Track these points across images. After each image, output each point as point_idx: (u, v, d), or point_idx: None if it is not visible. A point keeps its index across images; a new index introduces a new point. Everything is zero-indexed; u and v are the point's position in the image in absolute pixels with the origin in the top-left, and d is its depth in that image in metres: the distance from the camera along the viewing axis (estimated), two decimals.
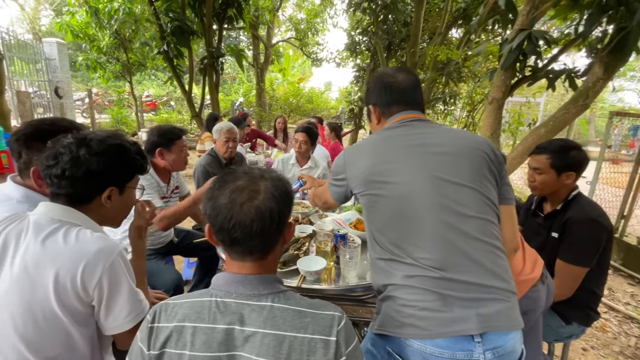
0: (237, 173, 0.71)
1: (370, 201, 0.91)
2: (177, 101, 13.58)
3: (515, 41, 2.73)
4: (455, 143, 0.91)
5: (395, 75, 1.02)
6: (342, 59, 11.12)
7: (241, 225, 0.64)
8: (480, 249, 0.80)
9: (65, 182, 0.81)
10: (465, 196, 0.84)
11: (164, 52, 5.04)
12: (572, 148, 1.42)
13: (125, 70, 8.85)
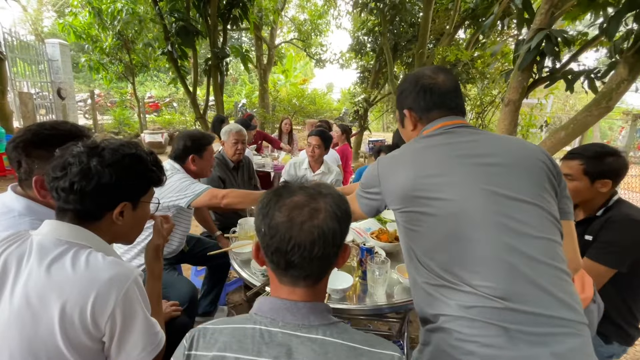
0: (292, 187, 0.64)
1: (412, 219, 0.81)
2: (180, 102, 13.53)
3: (534, 41, 2.63)
4: (510, 152, 0.81)
5: (435, 76, 0.91)
6: (345, 60, 11.05)
7: (301, 248, 0.57)
8: (547, 275, 0.70)
9: (73, 197, 0.72)
10: (526, 213, 0.74)
11: (168, 52, 4.96)
12: (609, 154, 1.32)
13: (128, 71, 8.79)
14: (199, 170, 1.78)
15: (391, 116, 12.49)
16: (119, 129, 9.85)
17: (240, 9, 5.30)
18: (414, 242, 0.81)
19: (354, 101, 7.82)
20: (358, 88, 8.39)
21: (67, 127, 0.97)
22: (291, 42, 12.64)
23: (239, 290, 2.51)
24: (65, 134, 0.95)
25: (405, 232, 0.84)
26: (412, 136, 0.98)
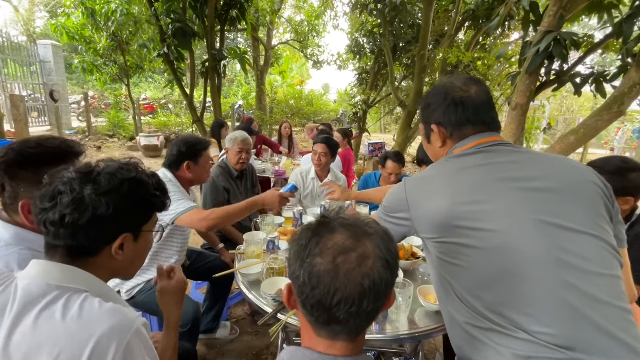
0: (331, 224, 0.55)
1: (450, 251, 0.72)
2: (175, 104, 13.36)
3: (543, 43, 2.56)
4: (558, 175, 0.72)
5: (466, 88, 0.83)
6: (342, 61, 10.97)
7: (348, 303, 0.49)
8: (613, 317, 0.62)
9: (64, 231, 0.62)
10: (585, 246, 0.65)
11: (164, 54, 4.85)
12: (633, 170, 1.24)
13: (122, 73, 8.63)
14: (195, 177, 1.70)
15: (388, 117, 12.43)
16: (114, 131, 9.67)
17: (238, 9, 5.20)
18: (452, 277, 0.73)
19: (352, 103, 7.74)
20: (356, 89, 8.31)
21: (55, 143, 0.87)
22: (288, 43, 12.55)
23: (241, 303, 2.41)
24: (53, 152, 0.85)
25: (441, 264, 0.76)
26: (439, 153, 0.90)
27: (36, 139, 0.85)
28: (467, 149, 0.80)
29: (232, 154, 2.13)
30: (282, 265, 1.28)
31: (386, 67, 6.95)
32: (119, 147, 8.64)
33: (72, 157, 0.88)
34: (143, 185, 0.70)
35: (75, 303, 0.60)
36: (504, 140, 0.82)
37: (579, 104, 11.68)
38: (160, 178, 0.78)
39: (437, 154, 0.90)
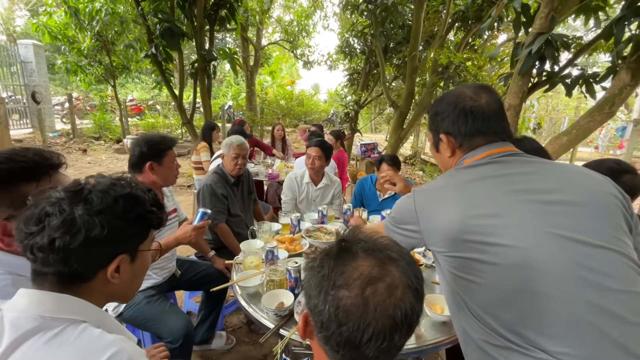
0: (352, 249, 0.50)
1: (463, 266, 0.69)
2: (163, 105, 13.11)
3: (535, 45, 2.58)
4: (575, 187, 0.70)
5: (477, 97, 0.80)
6: (333, 61, 10.95)
7: (379, 338, 0.45)
8: (636, 336, 0.59)
9: (54, 257, 0.56)
10: (606, 262, 0.63)
11: (152, 55, 4.72)
12: (626, 172, 1.24)
13: (108, 74, 8.42)
14: (161, 179, 1.56)
15: (379, 117, 12.47)
16: (100, 134, 9.44)
17: (228, 9, 5.12)
18: (466, 293, 0.70)
19: (344, 103, 7.72)
20: (346, 90, 8.30)
21: (28, 156, 0.78)
22: (278, 43, 12.46)
23: (237, 312, 2.35)
24: (26, 166, 0.76)
25: (453, 279, 0.72)
26: (448, 163, 0.87)
27: (7, 153, 0.77)
28: (478, 160, 0.78)
29: (228, 159, 2.07)
30: (282, 277, 1.24)
31: (377, 68, 6.95)
32: (106, 150, 8.43)
33: (49, 169, 0.79)
34: (139, 202, 0.65)
35: (73, 335, 0.55)
36: (516, 150, 0.79)
37: (564, 103, 11.94)
38: (156, 193, 0.72)
39: (446, 163, 0.88)
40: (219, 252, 1.99)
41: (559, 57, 2.72)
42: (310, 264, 0.54)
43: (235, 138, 2.05)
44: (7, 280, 0.74)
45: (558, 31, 3.32)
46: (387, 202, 2.44)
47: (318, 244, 1.63)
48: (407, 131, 5.69)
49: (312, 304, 0.50)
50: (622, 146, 9.67)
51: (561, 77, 2.83)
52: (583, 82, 2.75)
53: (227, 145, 2.04)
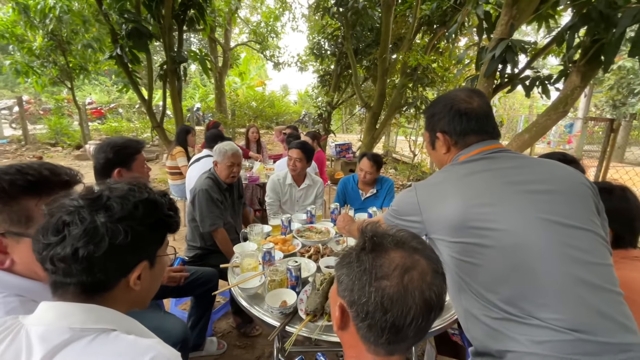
0: (383, 243, 0.56)
1: (465, 250, 0.77)
2: (126, 108, 12.47)
3: (498, 50, 2.79)
4: (557, 179, 0.81)
5: (470, 100, 0.90)
6: (303, 62, 11.00)
7: (419, 319, 0.51)
8: (610, 301, 0.71)
9: (77, 267, 0.56)
10: (585, 241, 0.73)
11: (117, 56, 4.50)
12: (571, 162, 1.41)
13: (64, 75, 7.87)
14: None
15: (349, 117, 12.70)
16: (57, 140, 8.79)
17: (197, 10, 5.00)
18: (468, 275, 0.78)
19: (316, 104, 7.79)
20: (317, 91, 8.38)
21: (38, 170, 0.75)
22: (247, 44, 12.29)
23: (225, 317, 2.33)
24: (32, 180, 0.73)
25: (455, 263, 0.80)
26: (443, 159, 0.95)
27: (19, 165, 0.74)
28: (472, 156, 0.87)
29: (222, 167, 2.04)
30: (283, 277, 1.26)
31: (348, 69, 7.10)
32: (65, 157, 7.88)
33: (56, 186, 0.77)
34: (157, 207, 0.65)
35: (107, 343, 0.55)
36: (504, 147, 0.89)
37: (520, 102, 12.86)
38: (170, 197, 0.73)
39: (441, 159, 0.97)
40: (208, 257, 1.97)
41: (518, 60, 2.97)
42: (346, 259, 0.58)
43: (229, 146, 2.03)
44: (15, 303, 0.70)
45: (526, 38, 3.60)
46: (369, 201, 2.53)
47: (310, 244, 1.67)
48: (380, 131, 5.86)
49: (356, 296, 0.54)
50: (571, 141, 10.60)
51: (521, 79, 3.09)
52: (539, 84, 3.02)
53: (222, 154, 2.00)
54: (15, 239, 0.71)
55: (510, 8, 2.68)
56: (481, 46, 3.29)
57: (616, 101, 10.25)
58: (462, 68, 3.79)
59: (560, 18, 3.41)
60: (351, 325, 0.57)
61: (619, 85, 10.03)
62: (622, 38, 2.15)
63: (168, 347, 0.59)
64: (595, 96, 11.91)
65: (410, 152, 7.18)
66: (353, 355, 0.59)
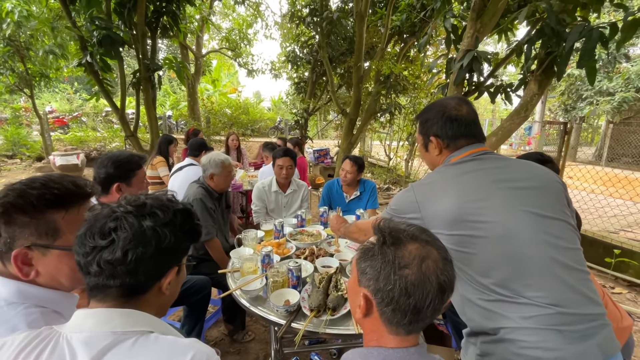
0: (400, 238, 0.64)
1: (461, 242, 0.88)
2: (91, 117, 11.89)
3: (465, 60, 3.03)
4: (536, 177, 0.93)
5: (459, 107, 1.01)
6: (277, 69, 11.07)
7: (436, 299, 0.60)
8: (580, 279, 0.83)
9: (123, 269, 0.59)
10: (560, 229, 0.86)
11: (87, 63, 4.34)
12: (547, 162, 1.60)
13: (23, 83, 7.40)
14: None
15: (326, 123, 12.90)
16: (14, 151, 8.22)
17: (170, 17, 4.94)
18: (464, 263, 0.88)
19: (293, 111, 7.88)
20: (292, 97, 8.48)
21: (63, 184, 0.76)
22: (220, 51, 12.18)
23: (216, 325, 2.32)
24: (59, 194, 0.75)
25: (452, 254, 0.90)
26: (435, 160, 1.06)
27: (42, 179, 0.75)
28: (462, 158, 0.98)
29: (221, 179, 2.06)
30: (284, 278, 1.32)
31: (323, 77, 7.26)
32: (24, 170, 7.39)
33: (80, 198, 0.79)
34: (191, 216, 0.70)
35: (149, 341, 0.59)
36: (489, 149, 1.01)
37: (483, 107, 13.68)
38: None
39: (433, 160, 1.07)
40: (200, 266, 1.98)
41: (483, 69, 3.23)
42: (369, 253, 0.66)
43: (223, 156, 2.05)
44: (36, 314, 0.71)
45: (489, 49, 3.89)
46: (354, 203, 2.64)
47: (304, 246, 1.74)
48: (357, 136, 6.04)
49: (382, 284, 0.62)
50: (530, 143, 11.42)
51: (486, 86, 3.35)
52: (503, 91, 3.30)
53: (219, 165, 2.02)
54: (41, 251, 0.72)
55: (475, 22, 2.93)
56: (450, 57, 3.54)
57: (567, 105, 11.20)
58: (433, 77, 4.03)
59: (517, 31, 3.75)
60: (375, 312, 0.65)
61: (569, 91, 10.97)
62: (572, 51, 2.43)
63: (205, 345, 0.64)
64: (549, 101, 12.94)
65: (386, 156, 7.44)
66: (374, 338, 0.66)
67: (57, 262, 0.74)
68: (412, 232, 0.67)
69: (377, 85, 5.75)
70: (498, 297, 0.83)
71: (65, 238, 0.74)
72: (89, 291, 0.63)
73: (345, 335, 1.15)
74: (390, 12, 5.21)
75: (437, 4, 3.45)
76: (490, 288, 0.84)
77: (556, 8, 2.38)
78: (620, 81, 9.48)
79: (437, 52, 6.37)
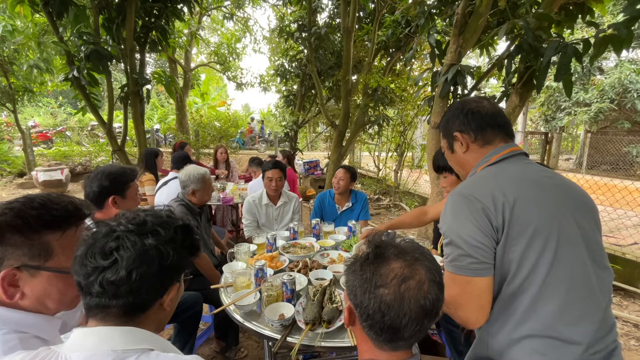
0: (385, 254, 0.64)
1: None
2: (75, 131, 11.68)
3: (450, 74, 3.14)
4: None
5: (479, 101, 0.96)
6: (265, 82, 11.17)
7: (414, 322, 0.59)
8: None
9: (126, 288, 0.59)
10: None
11: (74, 78, 4.30)
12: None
13: (5, 97, 7.25)
14: None
15: (315, 135, 13.01)
16: None
17: (160, 32, 4.97)
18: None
19: (282, 124, 7.94)
20: (281, 110, 8.54)
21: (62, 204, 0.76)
22: (209, 65, 12.24)
23: (207, 342, 2.27)
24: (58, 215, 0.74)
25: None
26: (464, 159, 0.97)
27: (41, 199, 0.74)
28: (505, 154, 0.90)
29: (203, 194, 2.05)
30: (279, 291, 1.32)
31: (311, 90, 7.37)
32: (5, 186, 7.16)
33: (78, 220, 0.78)
34: (191, 231, 0.71)
35: (150, 359, 0.58)
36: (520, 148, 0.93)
37: None
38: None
39: (461, 161, 0.98)
40: (191, 281, 1.94)
41: (467, 82, 3.35)
42: (352, 268, 0.67)
43: (202, 170, 2.05)
44: (15, 341, 0.68)
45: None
46: (345, 214, 2.66)
47: (297, 259, 1.74)
48: (347, 148, 6.11)
49: (359, 300, 0.63)
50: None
51: None
52: None
53: (200, 181, 2.02)
54: (31, 272, 0.71)
55: (457, 38, 3.05)
56: (434, 70, 3.66)
57: (547, 116, 11.62)
58: (419, 90, 4.15)
59: (497, 46, 3.92)
60: (357, 323, 0.66)
61: (548, 102, 11.41)
62: (549, 65, 2.55)
63: None
64: (530, 112, 13.41)
65: (375, 166, 7.52)
66: (365, 349, 0.67)
67: (46, 284, 0.72)
68: (401, 249, 0.65)
69: (365, 98, 5.87)
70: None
71: (57, 259, 0.73)
72: (88, 310, 0.62)
73: (341, 348, 1.15)
74: (376, 28, 5.37)
75: (421, 21, 3.59)
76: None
77: (532, 25, 2.51)
78: (595, 92, 9.93)
79: (423, 66, 6.56)
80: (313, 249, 1.87)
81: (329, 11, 6.52)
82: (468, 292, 0.80)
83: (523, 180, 0.84)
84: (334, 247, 1.95)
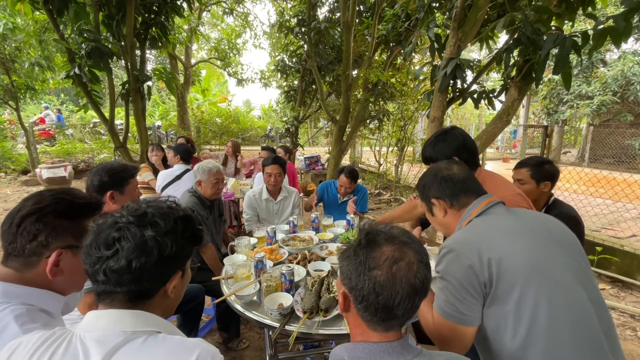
0: (377, 239, 0.67)
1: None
2: (79, 128, 11.73)
3: (449, 68, 3.14)
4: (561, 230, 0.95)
5: (449, 167, 1.05)
6: (266, 78, 11.15)
7: (405, 301, 0.63)
8: None
9: (128, 277, 0.63)
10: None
11: (75, 75, 4.34)
12: (546, 162, 1.70)
13: (8, 95, 7.30)
14: None
15: (316, 131, 13.01)
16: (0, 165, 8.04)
17: (160, 29, 4.98)
18: None
19: (283, 120, 7.95)
20: (282, 106, 8.54)
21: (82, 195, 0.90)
22: (209, 61, 12.22)
23: (210, 333, 2.32)
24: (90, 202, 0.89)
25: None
26: (444, 222, 1.06)
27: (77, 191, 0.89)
28: (484, 207, 0.98)
29: (208, 185, 2.08)
30: (278, 282, 1.35)
31: (312, 85, 7.37)
32: (9, 183, 7.24)
33: (99, 208, 0.91)
34: (192, 222, 0.73)
35: (158, 340, 0.62)
36: (496, 199, 1.00)
37: (470, 112, 14.01)
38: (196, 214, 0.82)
39: (442, 222, 1.07)
40: (200, 272, 1.98)
41: (466, 76, 3.35)
42: (346, 254, 0.71)
43: (211, 164, 2.09)
44: (22, 310, 0.74)
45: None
46: (346, 204, 2.70)
47: (296, 251, 1.78)
48: (347, 143, 6.12)
49: (354, 283, 0.67)
50: (515, 146, 11.71)
51: (470, 92, 3.47)
52: (485, 97, 3.42)
53: (205, 172, 2.05)
54: (74, 251, 0.81)
55: (456, 32, 3.05)
56: (434, 64, 3.66)
57: (549, 109, 11.55)
58: (419, 84, 4.14)
59: (498, 39, 3.91)
60: (352, 308, 0.69)
61: (550, 95, 11.34)
62: (547, 58, 2.55)
63: (210, 345, 0.67)
64: (533, 105, 13.34)
65: (376, 161, 7.54)
66: (358, 332, 0.70)
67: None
68: (390, 234, 0.70)
69: (366, 92, 5.87)
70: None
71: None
72: (98, 296, 0.66)
73: (338, 336, 1.18)
74: (376, 22, 5.35)
75: (421, 14, 3.58)
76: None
77: (531, 18, 2.50)
78: (598, 85, 9.86)
79: (423, 60, 6.54)
80: (312, 241, 1.90)
81: (329, 5, 6.51)
82: (452, 335, 0.89)
83: (507, 232, 0.89)
84: (333, 240, 1.99)
